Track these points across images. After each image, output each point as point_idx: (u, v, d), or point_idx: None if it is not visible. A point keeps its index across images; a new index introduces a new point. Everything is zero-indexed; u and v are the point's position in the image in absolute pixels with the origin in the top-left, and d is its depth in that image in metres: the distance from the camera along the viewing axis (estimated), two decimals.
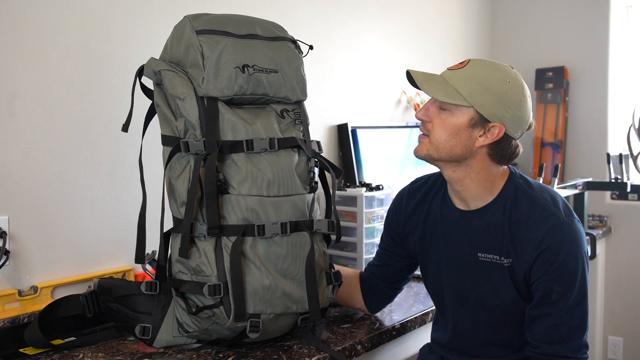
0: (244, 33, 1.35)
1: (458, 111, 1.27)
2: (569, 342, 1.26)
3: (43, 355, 1.31)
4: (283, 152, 1.32)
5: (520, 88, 1.28)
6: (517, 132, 1.29)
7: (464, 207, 1.38)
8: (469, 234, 1.36)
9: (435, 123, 1.30)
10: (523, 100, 1.28)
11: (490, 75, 1.26)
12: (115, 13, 1.65)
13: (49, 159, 1.53)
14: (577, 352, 1.27)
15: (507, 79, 1.26)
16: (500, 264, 1.32)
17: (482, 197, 1.34)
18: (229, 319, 1.23)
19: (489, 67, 1.28)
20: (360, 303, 1.58)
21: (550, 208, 1.29)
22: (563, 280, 1.26)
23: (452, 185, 1.37)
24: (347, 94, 2.45)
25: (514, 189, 1.33)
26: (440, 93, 1.27)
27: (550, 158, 3.22)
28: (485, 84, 1.25)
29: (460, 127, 1.27)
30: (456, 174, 1.33)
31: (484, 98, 1.25)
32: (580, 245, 1.28)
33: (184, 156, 1.28)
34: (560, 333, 1.26)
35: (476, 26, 3.34)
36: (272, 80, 1.35)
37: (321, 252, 1.37)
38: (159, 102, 1.33)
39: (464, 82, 1.26)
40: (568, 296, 1.26)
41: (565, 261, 1.26)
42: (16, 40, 1.46)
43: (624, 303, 3.09)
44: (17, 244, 1.48)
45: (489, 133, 1.27)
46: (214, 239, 1.25)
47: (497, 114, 1.25)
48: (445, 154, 1.30)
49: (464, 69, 1.29)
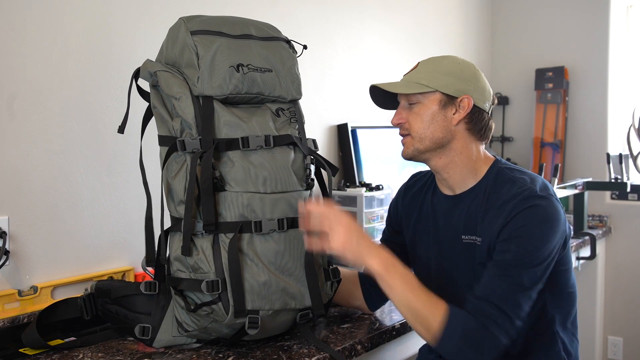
0: (238, 33, 1.37)
1: (426, 99, 1.36)
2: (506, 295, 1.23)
3: (43, 355, 1.31)
4: (279, 149, 1.33)
5: (471, 65, 1.40)
6: (485, 102, 1.38)
7: (450, 193, 1.43)
8: (455, 218, 1.40)
9: (410, 120, 1.38)
10: (478, 74, 1.39)
11: (441, 62, 1.39)
12: (116, 13, 1.66)
13: (49, 159, 1.53)
14: (510, 307, 1.23)
15: (457, 61, 1.39)
16: (482, 245, 1.33)
17: (466, 181, 1.39)
18: (227, 315, 1.23)
19: (438, 57, 1.42)
20: (359, 300, 1.59)
21: (526, 184, 1.31)
22: (520, 243, 1.25)
23: (439, 175, 1.43)
24: (347, 94, 2.46)
25: (495, 172, 1.38)
26: (405, 88, 1.38)
27: (550, 158, 3.22)
28: (440, 69, 1.37)
29: (433, 112, 1.36)
30: (442, 160, 1.39)
31: (443, 79, 1.35)
32: (550, 217, 1.27)
33: (180, 155, 1.29)
34: (501, 285, 1.24)
35: (476, 26, 3.34)
36: (267, 79, 1.37)
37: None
38: (156, 104, 1.34)
39: (422, 74, 1.37)
40: (523, 258, 1.25)
41: (530, 227, 1.26)
42: (16, 40, 1.46)
43: (624, 303, 3.09)
44: (17, 244, 1.48)
45: (460, 108, 1.36)
46: (211, 236, 1.26)
47: (461, 89, 1.35)
48: (429, 141, 1.37)
49: (417, 68, 1.41)
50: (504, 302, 1.23)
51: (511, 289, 1.25)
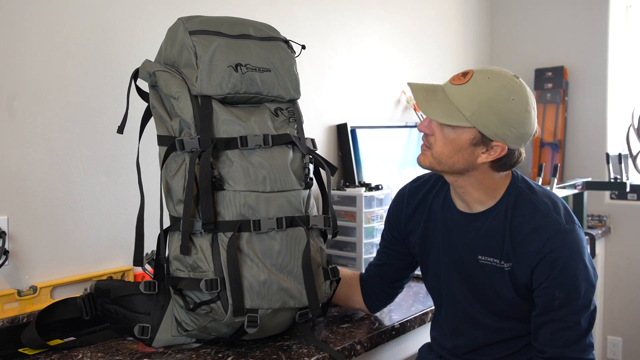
0: (236, 33, 1.37)
1: (460, 130, 1.25)
2: (575, 344, 1.26)
3: (42, 355, 1.31)
4: (277, 149, 1.33)
5: (525, 104, 1.24)
6: (521, 145, 1.28)
7: (465, 209, 1.38)
8: (470, 237, 1.36)
9: (437, 137, 1.28)
10: (527, 117, 1.25)
11: (495, 94, 1.22)
12: (115, 13, 1.65)
13: (49, 159, 1.53)
14: (582, 352, 1.26)
15: (512, 96, 1.23)
16: (500, 268, 1.32)
17: (484, 201, 1.35)
18: (226, 314, 1.23)
19: (493, 83, 1.23)
20: (359, 304, 1.59)
21: (551, 214, 1.29)
22: (565, 287, 1.26)
23: (454, 189, 1.38)
24: (346, 94, 2.45)
25: (516, 193, 1.33)
26: (442, 115, 1.24)
27: (550, 158, 3.22)
28: (489, 104, 1.21)
29: (462, 145, 1.26)
30: (458, 182, 1.34)
31: (487, 119, 1.22)
32: (581, 251, 1.28)
33: (179, 155, 1.29)
34: (566, 337, 1.26)
35: (476, 26, 3.34)
36: (266, 79, 1.37)
37: (318, 248, 1.38)
38: (155, 104, 1.34)
39: (467, 102, 1.22)
40: (572, 302, 1.25)
41: (566, 267, 1.25)
42: (16, 41, 1.46)
43: (623, 303, 3.09)
44: (17, 244, 1.48)
45: (491, 151, 1.26)
46: (210, 235, 1.26)
47: (500, 134, 1.23)
48: (448, 167, 1.30)
49: (467, 85, 1.24)
50: (576, 351, 1.25)
51: (576, 335, 1.26)
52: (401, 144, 2.64)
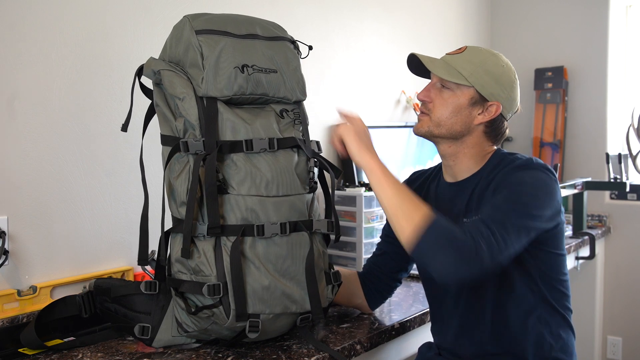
0: (243, 33, 1.35)
1: (459, 90, 1.37)
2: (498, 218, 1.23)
3: (42, 355, 1.31)
4: (282, 152, 1.32)
5: (513, 72, 1.41)
6: (509, 112, 1.41)
7: (452, 180, 1.45)
8: (457, 203, 1.42)
9: (436, 102, 1.39)
10: (515, 83, 1.40)
11: (488, 58, 1.38)
12: (115, 13, 1.65)
13: (49, 159, 1.53)
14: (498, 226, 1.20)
15: (502, 63, 1.39)
16: None
17: (471, 168, 1.42)
18: (228, 319, 1.23)
19: (486, 52, 1.41)
20: (360, 298, 1.59)
21: (523, 158, 1.36)
22: (516, 193, 1.27)
23: (445, 161, 1.45)
24: (346, 94, 2.45)
25: (498, 158, 1.41)
26: (445, 73, 1.36)
27: (550, 158, 3.22)
28: (484, 66, 1.37)
29: (461, 105, 1.37)
30: (451, 149, 1.41)
31: (483, 79, 1.36)
32: (544, 185, 1.29)
33: (183, 156, 1.28)
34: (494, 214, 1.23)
35: (475, 26, 3.34)
36: (272, 80, 1.35)
37: (320, 252, 1.37)
38: (159, 102, 1.33)
39: (465, 64, 1.37)
40: (516, 201, 1.25)
41: (523, 188, 1.27)
42: (16, 40, 1.46)
43: (623, 303, 3.09)
44: (17, 244, 1.48)
45: (487, 111, 1.38)
46: (213, 239, 1.25)
47: (495, 94, 1.36)
48: (446, 130, 1.38)
49: (463, 54, 1.40)
50: (500, 227, 1.21)
51: (508, 220, 1.23)
52: (401, 144, 2.64)
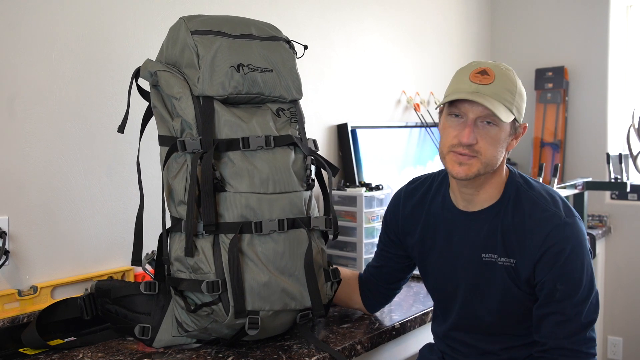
0: (238, 33, 1.37)
1: (503, 123, 1.26)
2: (575, 336, 1.26)
3: (43, 355, 1.31)
4: (279, 150, 1.33)
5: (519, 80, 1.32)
6: None
7: (466, 208, 1.38)
8: (472, 235, 1.36)
9: (483, 143, 1.26)
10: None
11: (515, 79, 1.28)
12: (115, 14, 1.65)
13: (49, 159, 1.53)
14: (583, 345, 1.26)
15: (517, 77, 1.30)
16: (502, 265, 1.32)
17: (491, 198, 1.35)
18: (227, 316, 1.23)
19: (509, 72, 1.29)
20: (358, 304, 1.59)
21: (551, 208, 1.30)
22: (567, 279, 1.26)
23: (467, 190, 1.34)
24: (346, 94, 2.45)
25: (515, 189, 1.34)
26: (505, 115, 1.24)
27: (550, 158, 3.22)
28: (517, 90, 1.28)
29: (504, 139, 1.29)
30: (481, 179, 1.31)
31: (520, 105, 1.29)
32: (582, 243, 1.29)
33: (180, 155, 1.29)
34: (567, 329, 1.26)
35: (476, 25, 3.34)
36: (267, 79, 1.36)
37: (319, 249, 1.38)
38: (156, 103, 1.34)
39: (506, 94, 1.25)
40: (573, 294, 1.26)
41: (568, 260, 1.26)
42: (16, 40, 1.46)
43: (623, 303, 3.09)
44: (17, 244, 1.48)
45: (518, 135, 1.32)
46: (211, 237, 1.26)
47: (523, 114, 1.31)
48: (491, 168, 1.29)
49: (496, 83, 1.24)
50: (575, 343, 1.25)
51: (576, 327, 1.25)
52: (401, 144, 2.64)
